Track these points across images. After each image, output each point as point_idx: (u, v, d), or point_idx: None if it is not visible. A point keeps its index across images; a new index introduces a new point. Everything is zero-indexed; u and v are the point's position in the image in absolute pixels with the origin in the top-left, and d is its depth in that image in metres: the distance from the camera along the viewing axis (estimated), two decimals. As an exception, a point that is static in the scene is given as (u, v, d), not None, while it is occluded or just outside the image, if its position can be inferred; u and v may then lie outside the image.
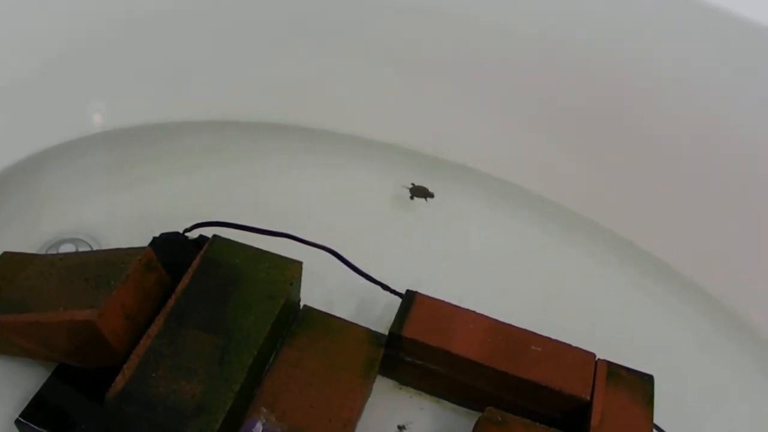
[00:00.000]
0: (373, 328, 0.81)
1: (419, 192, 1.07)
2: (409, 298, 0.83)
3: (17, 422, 0.72)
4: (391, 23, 1.05)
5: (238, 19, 1.04)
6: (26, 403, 0.73)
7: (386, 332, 0.80)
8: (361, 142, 1.12)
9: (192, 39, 1.04)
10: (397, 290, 0.87)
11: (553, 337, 0.81)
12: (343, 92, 1.12)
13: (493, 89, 1.07)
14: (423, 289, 0.84)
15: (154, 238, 0.89)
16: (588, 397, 0.76)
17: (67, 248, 0.92)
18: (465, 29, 1.02)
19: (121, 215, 0.99)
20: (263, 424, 0.71)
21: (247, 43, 1.07)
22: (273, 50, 1.08)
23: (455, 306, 0.82)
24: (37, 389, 0.74)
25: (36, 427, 0.71)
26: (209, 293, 0.75)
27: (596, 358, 0.80)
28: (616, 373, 0.79)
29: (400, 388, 0.85)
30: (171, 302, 0.74)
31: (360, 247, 0.91)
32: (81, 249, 0.92)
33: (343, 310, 0.86)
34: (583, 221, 1.08)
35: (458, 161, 1.13)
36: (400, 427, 0.82)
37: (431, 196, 1.07)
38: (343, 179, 1.11)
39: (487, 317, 0.82)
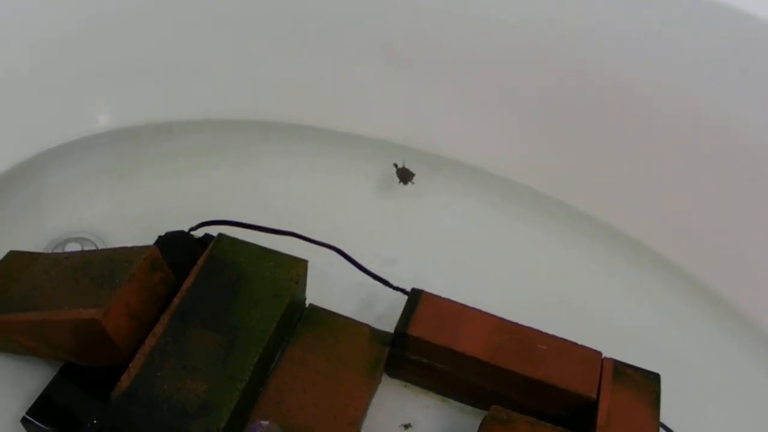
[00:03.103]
0: (379, 327, 0.81)
1: (404, 175, 1.08)
2: (415, 297, 0.82)
3: (23, 420, 0.72)
4: (395, 24, 1.05)
5: (243, 16, 1.04)
6: (32, 402, 0.73)
7: (392, 331, 0.80)
8: (364, 141, 1.12)
9: (195, 36, 1.04)
10: (403, 288, 0.87)
11: (558, 335, 0.81)
12: (346, 91, 1.12)
13: (493, 89, 1.07)
14: (428, 287, 0.84)
15: (160, 236, 0.89)
16: (594, 396, 0.76)
17: (73, 247, 0.93)
18: (454, 26, 1.02)
19: (127, 214, 0.99)
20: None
21: (252, 42, 1.07)
22: (277, 49, 1.08)
23: (461, 304, 0.82)
24: (43, 388, 0.75)
25: (42, 426, 0.72)
26: (214, 292, 0.75)
27: (602, 357, 0.79)
28: (623, 371, 0.79)
29: (406, 387, 0.85)
30: (176, 301, 0.74)
31: (365, 245, 0.91)
32: (86, 248, 0.93)
33: (348, 308, 0.86)
34: (589, 221, 1.08)
35: (461, 160, 1.13)
36: (406, 426, 0.82)
37: (411, 176, 1.08)
38: (347, 178, 1.11)
39: (492, 316, 0.81)
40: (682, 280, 1.02)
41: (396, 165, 1.08)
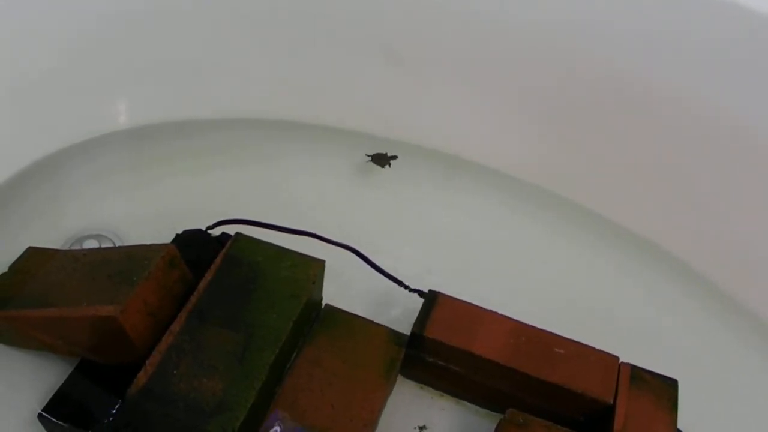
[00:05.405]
0: (395, 328, 0.81)
1: (380, 160, 1.09)
2: (432, 298, 0.82)
3: (40, 416, 0.73)
4: (397, 24, 1.05)
5: (258, 16, 1.05)
6: (49, 398, 0.74)
7: (408, 332, 0.80)
8: (377, 141, 1.12)
9: (212, 37, 1.05)
10: (420, 289, 0.86)
11: (570, 336, 0.80)
12: (359, 92, 1.12)
13: (500, 89, 1.07)
14: (443, 288, 0.83)
15: (177, 235, 0.89)
16: (611, 401, 0.75)
17: (91, 244, 0.93)
18: (457, 26, 1.02)
19: (144, 212, 0.99)
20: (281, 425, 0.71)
21: (265, 42, 1.07)
22: (292, 48, 1.08)
23: (477, 307, 0.82)
24: (60, 384, 0.75)
25: (58, 422, 0.72)
26: (231, 291, 0.75)
27: (620, 362, 0.79)
28: (640, 376, 0.78)
29: (421, 389, 0.85)
30: (193, 299, 0.74)
31: (381, 246, 0.91)
32: (104, 245, 0.93)
33: (364, 309, 0.86)
34: (600, 221, 1.07)
35: (473, 159, 1.13)
36: (421, 428, 0.82)
37: (394, 158, 1.09)
38: (363, 177, 1.11)
39: (509, 318, 0.81)
40: (694, 280, 1.02)
41: (367, 155, 1.09)
